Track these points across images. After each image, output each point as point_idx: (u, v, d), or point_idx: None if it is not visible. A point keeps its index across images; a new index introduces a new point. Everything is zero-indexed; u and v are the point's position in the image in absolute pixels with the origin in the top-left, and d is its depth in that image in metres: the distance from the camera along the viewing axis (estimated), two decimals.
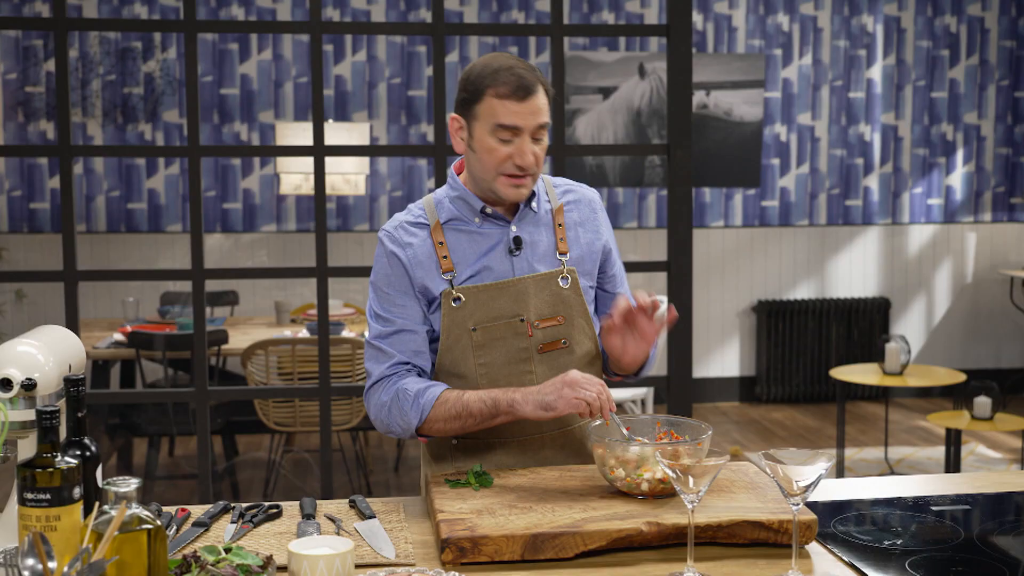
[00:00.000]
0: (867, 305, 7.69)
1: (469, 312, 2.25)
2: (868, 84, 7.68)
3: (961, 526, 2.03)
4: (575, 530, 1.86)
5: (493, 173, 2.23)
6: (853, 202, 7.75)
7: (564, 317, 2.30)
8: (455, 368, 2.28)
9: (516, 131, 2.19)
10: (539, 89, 2.20)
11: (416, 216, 2.32)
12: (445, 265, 2.26)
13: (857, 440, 6.65)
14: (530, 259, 2.30)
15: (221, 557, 1.65)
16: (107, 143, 7.08)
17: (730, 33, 7.52)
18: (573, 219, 2.37)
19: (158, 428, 5.16)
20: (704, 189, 7.59)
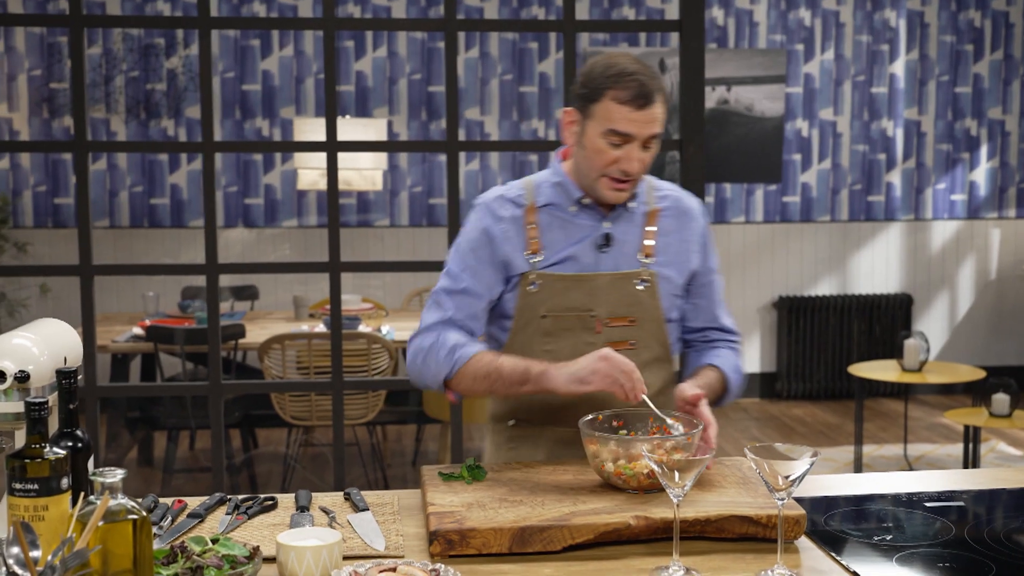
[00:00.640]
0: (889, 301, 7.65)
1: (542, 299, 2.28)
2: (891, 79, 7.64)
3: (953, 522, 2.03)
4: (563, 523, 1.87)
5: (597, 173, 2.23)
6: (875, 198, 7.71)
7: (636, 319, 2.30)
8: (523, 350, 2.29)
9: (628, 138, 2.19)
10: (658, 98, 2.19)
11: (515, 194, 2.34)
12: (532, 247, 2.28)
13: (877, 437, 6.62)
14: (617, 257, 2.30)
15: (207, 548, 1.67)
16: (130, 139, 7.14)
17: (751, 28, 7.50)
18: (667, 226, 2.35)
19: (177, 422, 5.20)
20: (725, 185, 7.57)
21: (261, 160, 7.24)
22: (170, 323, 5.31)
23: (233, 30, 7.16)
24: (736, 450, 6.32)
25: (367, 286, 7.23)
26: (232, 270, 4.04)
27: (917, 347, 5.75)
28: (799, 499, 2.12)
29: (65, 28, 7.04)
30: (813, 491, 2.23)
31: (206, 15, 3.82)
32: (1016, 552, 1.87)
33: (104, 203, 7.18)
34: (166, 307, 6.41)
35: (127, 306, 6.99)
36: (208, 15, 3.82)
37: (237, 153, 7.22)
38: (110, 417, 5.43)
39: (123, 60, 7.11)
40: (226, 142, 3.85)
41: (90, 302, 3.90)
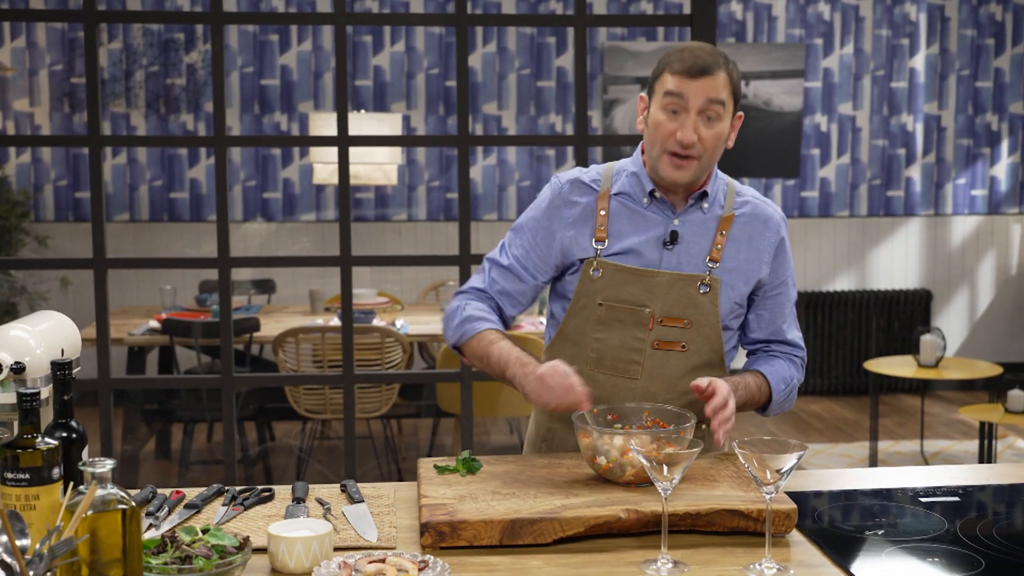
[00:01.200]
0: (908, 297, 7.62)
1: (601, 287, 2.27)
2: (911, 73, 7.60)
3: (947, 517, 2.02)
4: (553, 516, 1.88)
5: (659, 150, 2.22)
6: (895, 193, 7.67)
7: (691, 321, 2.27)
8: (575, 335, 2.30)
9: (683, 104, 2.17)
10: (717, 72, 2.17)
11: (592, 178, 2.34)
12: (599, 234, 2.28)
13: (894, 433, 6.59)
14: (680, 257, 2.27)
15: (197, 538, 1.69)
16: (150, 133, 7.19)
17: (770, 22, 7.48)
18: (739, 233, 2.30)
19: (192, 414, 5.24)
20: (743, 180, 7.55)
21: (279, 154, 7.28)
22: (186, 316, 5.35)
23: (252, 25, 7.19)
24: None
25: (384, 280, 7.26)
26: (244, 263, 4.06)
27: (934, 343, 5.73)
28: (795, 493, 2.13)
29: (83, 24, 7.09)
30: (811, 486, 2.23)
31: (219, 10, 3.85)
32: (1006, 548, 1.87)
33: (124, 197, 7.24)
34: (184, 301, 6.45)
35: (146, 299, 7.04)
36: (220, 10, 3.84)
37: (255, 148, 7.26)
38: (127, 410, 5.47)
39: (143, 55, 7.16)
40: (237, 136, 3.87)
41: (104, 295, 3.93)
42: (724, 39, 7.44)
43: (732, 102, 2.21)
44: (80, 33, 7.13)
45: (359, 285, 6.77)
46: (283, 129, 7.25)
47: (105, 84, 7.13)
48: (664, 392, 2.27)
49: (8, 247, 6.79)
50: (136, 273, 7.16)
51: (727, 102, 2.19)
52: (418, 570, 1.74)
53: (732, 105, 2.21)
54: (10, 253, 6.79)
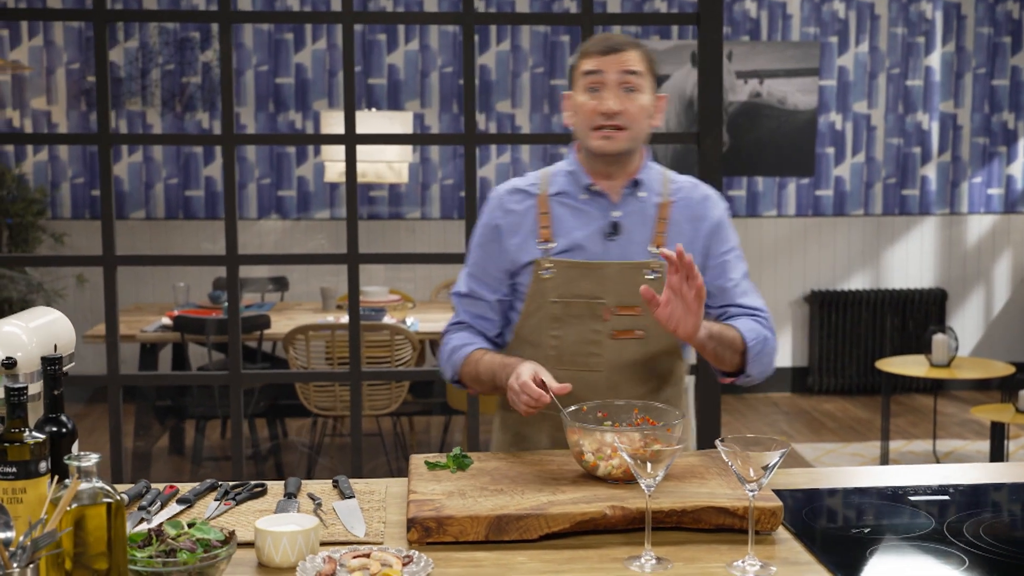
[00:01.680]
0: (923, 296, 7.59)
1: (553, 285, 2.32)
2: (926, 72, 7.57)
3: (935, 516, 2.03)
4: (539, 512, 1.90)
5: (586, 129, 2.29)
6: (910, 191, 7.64)
7: (644, 309, 2.29)
8: (530, 336, 2.36)
9: (601, 80, 2.26)
10: (629, 48, 2.28)
11: (529, 184, 2.41)
12: (543, 235, 2.34)
13: (907, 433, 6.57)
14: (624, 246, 2.33)
15: (183, 531, 1.71)
16: (166, 131, 7.23)
17: (784, 20, 7.46)
18: (679, 216, 2.36)
19: (205, 411, 5.28)
20: (757, 178, 7.54)
21: (294, 153, 7.31)
22: (198, 313, 5.38)
23: (267, 24, 7.22)
24: None
25: (397, 278, 7.28)
26: (252, 261, 4.10)
27: (946, 342, 5.71)
28: (785, 491, 2.13)
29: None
30: (802, 484, 2.24)
31: (227, 9, 3.87)
32: (991, 546, 1.87)
33: (140, 195, 7.28)
34: (197, 298, 6.48)
35: (161, 297, 7.08)
36: (229, 9, 3.87)
37: (270, 146, 7.29)
38: (140, 406, 5.51)
39: (159, 53, 7.20)
40: (245, 135, 3.90)
41: (113, 292, 3.97)
42: (738, 37, 7.43)
43: (651, 78, 2.30)
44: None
45: (372, 283, 6.79)
46: (298, 127, 7.28)
47: (121, 83, 7.18)
48: (627, 382, 2.31)
49: (24, 244, 6.84)
50: (152, 270, 7.20)
51: (644, 74, 2.28)
52: (402, 565, 1.75)
53: (651, 81, 2.31)
54: (27, 250, 6.85)
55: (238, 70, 7.23)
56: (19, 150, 7.21)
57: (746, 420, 6.88)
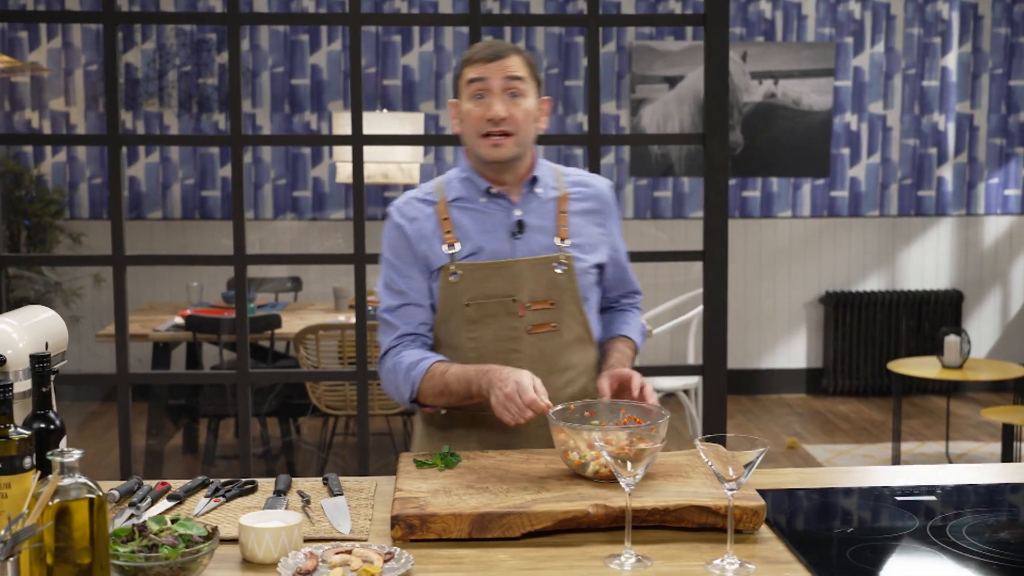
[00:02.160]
0: (939, 297, 7.56)
1: (464, 288, 2.35)
2: (943, 72, 7.54)
3: (920, 516, 2.03)
4: (522, 510, 1.91)
5: (475, 137, 2.33)
6: (926, 192, 7.61)
7: (556, 302, 2.37)
8: (448, 340, 2.39)
9: (486, 87, 2.30)
10: (511, 54, 2.32)
11: (426, 193, 2.43)
12: (448, 240, 2.36)
13: (921, 434, 6.55)
14: (531, 243, 2.38)
15: (165, 527, 1.73)
16: (183, 132, 7.28)
17: (799, 21, 7.44)
18: (579, 208, 2.44)
19: (216, 409, 5.32)
20: (772, 179, 7.53)
21: (309, 153, 7.35)
22: (209, 312, 5.42)
23: (283, 25, 7.26)
24: (776, 444, 6.30)
25: None
26: (259, 261, 4.13)
27: (958, 344, 5.69)
28: (773, 491, 2.14)
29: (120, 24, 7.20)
30: (791, 483, 2.24)
31: (235, 11, 3.91)
32: (971, 546, 1.87)
33: (157, 195, 7.34)
34: (211, 297, 6.53)
35: (177, 296, 7.14)
36: (237, 11, 3.90)
37: (285, 147, 7.33)
38: (153, 405, 5.56)
39: (176, 55, 7.26)
40: (252, 136, 3.94)
41: (122, 291, 4.00)
42: (753, 38, 7.42)
43: (534, 83, 2.35)
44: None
45: None
46: (313, 128, 7.32)
47: (139, 84, 7.24)
48: (547, 374, 2.33)
49: (42, 244, 6.91)
50: (169, 271, 7.26)
51: (527, 79, 2.33)
52: (383, 561, 1.77)
53: (534, 85, 2.35)
54: (45, 250, 6.91)
55: (254, 71, 7.28)
56: (38, 151, 7.28)
57: (759, 421, 6.87)
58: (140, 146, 7.31)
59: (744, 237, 7.55)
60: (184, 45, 7.25)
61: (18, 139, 6.14)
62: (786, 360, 7.66)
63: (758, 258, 7.58)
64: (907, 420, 6.87)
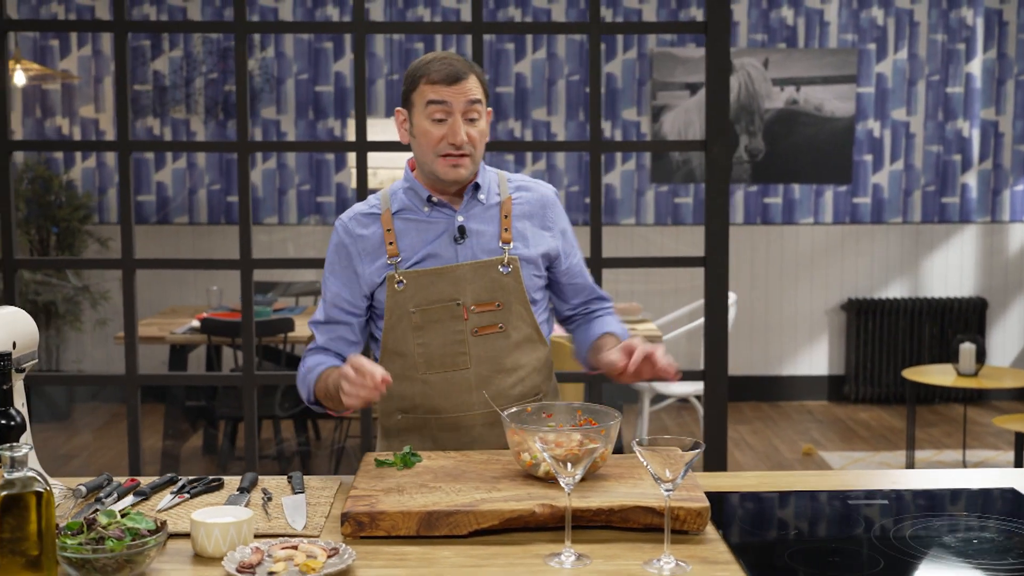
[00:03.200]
0: (962, 305, 7.51)
1: (409, 295, 2.41)
2: (967, 79, 7.49)
3: (869, 520, 2.05)
4: (469, 509, 1.95)
5: (431, 156, 2.37)
6: (950, 199, 7.57)
7: (502, 303, 2.43)
8: (396, 347, 2.45)
9: (447, 110, 2.34)
10: (470, 76, 2.36)
11: (371, 206, 2.49)
12: (391, 251, 2.42)
13: (940, 442, 6.52)
14: (474, 247, 2.44)
15: (114, 521, 1.79)
16: (208, 139, 7.40)
17: (822, 28, 7.43)
18: (522, 212, 2.50)
19: (230, 411, 5.39)
20: (793, 186, 7.52)
21: (333, 159, 7.44)
22: (227, 316, 5.51)
23: (307, 34, 7.36)
24: (792, 451, 6.29)
25: None
26: (264, 265, 4.21)
27: (972, 351, 5.66)
28: (727, 494, 2.17)
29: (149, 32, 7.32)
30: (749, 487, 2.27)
31: (242, 20, 3.99)
32: (911, 550, 1.89)
33: (184, 200, 7.45)
34: (231, 301, 6.62)
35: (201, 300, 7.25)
36: (244, 20, 3.98)
37: (309, 153, 7.42)
38: (170, 407, 5.65)
39: (202, 62, 7.37)
40: (259, 142, 4.02)
41: (131, 294, 4.10)
42: (775, 45, 7.42)
43: (485, 99, 2.41)
44: (143, 42, 7.37)
45: None
46: (336, 135, 7.41)
47: (166, 91, 7.36)
48: (496, 374, 2.41)
49: (71, 249, 7.04)
50: (195, 275, 7.36)
51: (482, 100, 2.38)
52: (327, 556, 1.82)
53: (485, 102, 2.41)
54: (74, 254, 7.04)
55: (279, 78, 7.38)
56: (68, 157, 7.42)
57: (777, 428, 6.86)
58: (168, 152, 7.42)
59: (766, 244, 7.54)
60: (211, 52, 7.37)
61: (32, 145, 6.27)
62: (808, 367, 7.64)
63: (780, 265, 7.57)
64: (927, 428, 6.83)
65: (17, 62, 6.31)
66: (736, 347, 7.55)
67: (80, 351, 7.36)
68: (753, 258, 7.57)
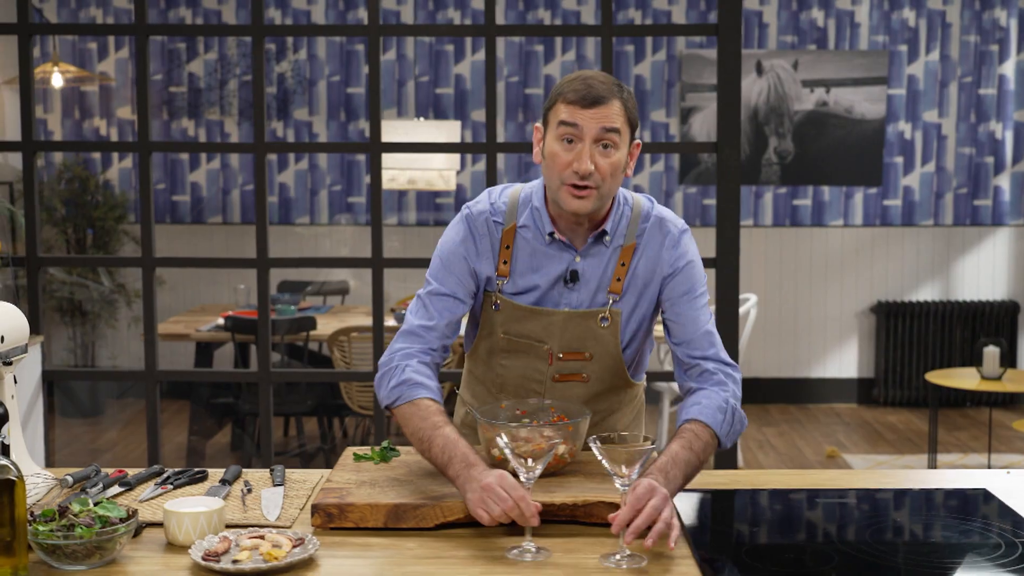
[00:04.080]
0: (994, 308, 7.45)
1: (502, 320, 2.33)
2: (1000, 80, 7.43)
3: (831, 519, 2.07)
4: (435, 502, 2.00)
5: (557, 182, 2.20)
6: (982, 202, 7.51)
7: (592, 354, 2.31)
8: (484, 356, 2.39)
9: (577, 134, 2.16)
10: (611, 100, 2.16)
11: (499, 211, 2.32)
12: (502, 270, 2.30)
13: (966, 446, 6.48)
14: (581, 293, 2.30)
15: (86, 508, 1.86)
16: (242, 140, 7.50)
17: (852, 29, 7.41)
18: (641, 259, 2.30)
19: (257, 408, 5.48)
20: (823, 188, 7.50)
21: (363, 160, 7.52)
22: (249, 314, 5.60)
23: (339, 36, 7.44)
24: (816, 453, 6.28)
25: None
26: (280, 264, 4.29)
27: (995, 355, 5.63)
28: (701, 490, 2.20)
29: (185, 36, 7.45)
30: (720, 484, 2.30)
31: (260, 24, 4.07)
32: (868, 547, 1.91)
33: (218, 201, 7.57)
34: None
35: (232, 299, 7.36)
36: (262, 24, 4.07)
37: (341, 154, 7.51)
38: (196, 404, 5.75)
39: (236, 65, 7.49)
40: (274, 143, 4.11)
41: (151, 292, 4.20)
42: (805, 46, 7.40)
43: (628, 130, 2.19)
44: (178, 44, 7.49)
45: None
46: (367, 136, 7.48)
47: (201, 93, 7.48)
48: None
49: (106, 247, 7.18)
50: (228, 273, 7.47)
51: (622, 130, 2.17)
52: (292, 546, 1.88)
53: (628, 133, 2.20)
54: (110, 253, 7.18)
55: (311, 80, 7.47)
56: (105, 158, 7.56)
57: (803, 430, 6.85)
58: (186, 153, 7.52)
59: (795, 246, 7.53)
60: (244, 55, 7.48)
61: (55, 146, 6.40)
62: (837, 370, 7.62)
63: (809, 267, 7.55)
64: (955, 432, 6.79)
65: (55, 64, 6.45)
66: (765, 349, 7.54)
67: (117, 348, 7.50)
68: (782, 260, 7.55)
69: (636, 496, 1.88)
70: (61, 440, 6.39)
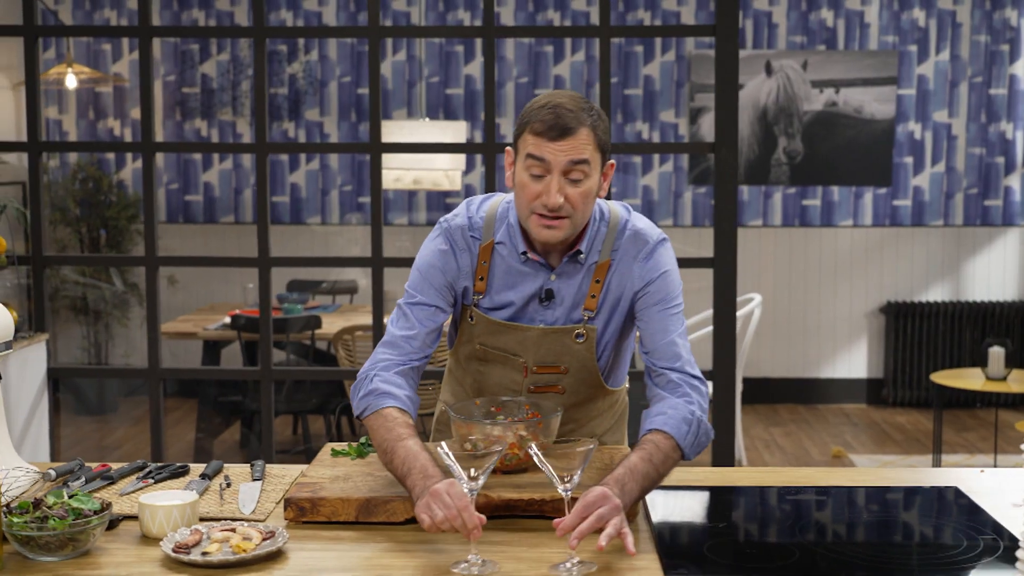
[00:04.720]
0: (1004, 309, 7.43)
1: (478, 332, 2.33)
2: (1011, 80, 7.41)
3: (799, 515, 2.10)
4: (405, 496, 2.04)
5: (527, 211, 2.18)
6: (992, 202, 7.50)
7: (568, 368, 2.32)
8: (463, 361, 2.41)
9: (545, 167, 2.12)
10: (579, 130, 2.11)
11: (476, 226, 2.30)
12: (478, 285, 2.30)
13: (974, 446, 6.47)
14: (556, 311, 2.30)
15: (60, 501, 1.91)
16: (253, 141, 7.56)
17: (862, 29, 7.40)
18: (615, 275, 2.28)
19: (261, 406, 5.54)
20: (832, 188, 7.50)
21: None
22: (254, 313, 5.65)
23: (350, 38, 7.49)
24: (822, 454, 6.29)
25: None
26: (282, 263, 4.34)
27: (1000, 355, 5.62)
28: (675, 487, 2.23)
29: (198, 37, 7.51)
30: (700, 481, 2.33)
31: (261, 25, 4.12)
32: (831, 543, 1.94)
33: (230, 200, 7.64)
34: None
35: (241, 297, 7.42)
36: (263, 25, 4.12)
37: (352, 155, 7.56)
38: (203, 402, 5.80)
39: (248, 66, 7.55)
40: (275, 143, 4.17)
41: (154, 291, 4.25)
42: (814, 47, 7.41)
43: (599, 156, 2.15)
44: (191, 46, 7.56)
45: None
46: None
47: (213, 94, 7.55)
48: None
49: (118, 246, 7.25)
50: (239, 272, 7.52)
51: (592, 159, 2.13)
52: (262, 538, 1.92)
53: (600, 159, 2.16)
54: (122, 252, 7.26)
55: (322, 81, 7.53)
56: (119, 158, 7.63)
57: (811, 430, 6.86)
58: (215, 154, 7.59)
59: (804, 246, 7.53)
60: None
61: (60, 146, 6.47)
62: (846, 370, 7.61)
63: (818, 267, 7.55)
64: (963, 432, 6.78)
65: (69, 65, 6.52)
66: (774, 349, 7.55)
67: (129, 346, 7.57)
68: (791, 260, 7.56)
69: (585, 502, 1.87)
70: (72, 437, 6.47)
